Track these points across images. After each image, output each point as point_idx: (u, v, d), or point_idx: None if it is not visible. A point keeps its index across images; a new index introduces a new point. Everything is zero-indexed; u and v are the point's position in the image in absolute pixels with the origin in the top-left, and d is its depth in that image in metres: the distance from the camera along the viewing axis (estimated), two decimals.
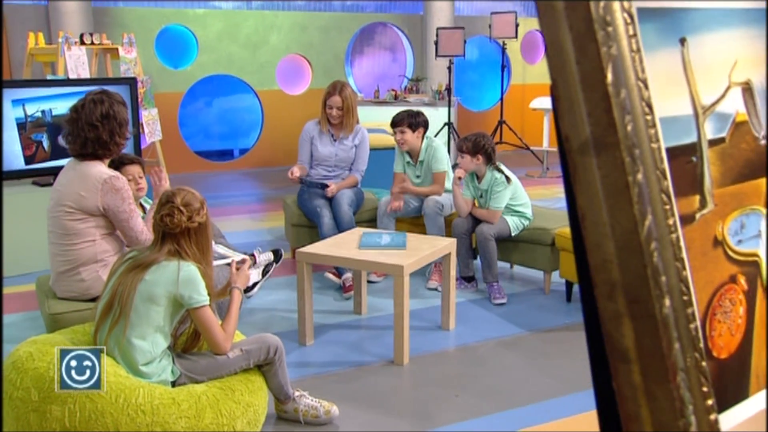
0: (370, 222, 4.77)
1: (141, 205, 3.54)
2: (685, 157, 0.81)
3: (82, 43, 5.91)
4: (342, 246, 3.77)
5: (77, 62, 5.68)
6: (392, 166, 4.88)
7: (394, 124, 4.67)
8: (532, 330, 3.90)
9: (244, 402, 2.55)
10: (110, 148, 3.14)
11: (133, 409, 2.31)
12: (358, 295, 4.12)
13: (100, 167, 3.11)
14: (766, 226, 0.90)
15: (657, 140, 0.75)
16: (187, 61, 8.73)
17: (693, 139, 0.83)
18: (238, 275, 2.82)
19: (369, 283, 4.48)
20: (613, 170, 0.72)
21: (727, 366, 0.85)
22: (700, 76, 0.83)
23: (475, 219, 4.41)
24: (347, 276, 4.38)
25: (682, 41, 0.82)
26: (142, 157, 4.47)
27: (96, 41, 6.07)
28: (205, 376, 2.58)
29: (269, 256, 4.06)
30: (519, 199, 4.40)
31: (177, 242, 2.50)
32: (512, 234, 4.36)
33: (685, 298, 0.76)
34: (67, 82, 5.25)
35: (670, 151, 0.78)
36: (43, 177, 4.96)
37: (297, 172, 4.69)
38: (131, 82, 5.25)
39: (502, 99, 9.31)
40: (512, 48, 9.66)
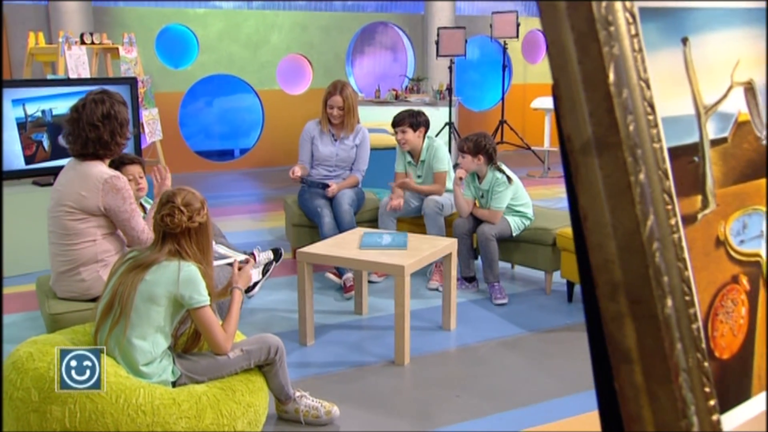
0: (371, 222, 4.76)
1: (141, 205, 3.54)
2: (687, 157, 0.81)
3: (83, 42, 5.92)
4: (343, 246, 3.77)
5: (77, 62, 5.69)
6: (393, 166, 4.88)
7: (395, 123, 4.66)
8: (533, 330, 3.90)
9: (244, 402, 2.54)
10: (111, 148, 3.14)
11: (134, 410, 2.31)
12: (359, 296, 4.12)
13: (101, 167, 3.11)
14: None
15: (659, 140, 0.75)
16: (188, 61, 8.73)
17: (695, 139, 0.82)
18: (239, 275, 2.82)
19: (370, 283, 4.48)
20: (615, 170, 0.72)
21: (729, 366, 0.84)
22: (702, 76, 0.83)
23: (476, 219, 4.40)
24: (348, 276, 4.38)
25: (684, 41, 0.81)
26: (143, 157, 4.47)
27: (96, 41, 6.07)
28: (205, 377, 2.58)
29: (269, 255, 4.06)
30: (520, 199, 4.39)
31: (177, 242, 2.50)
32: (513, 234, 4.35)
33: (687, 298, 0.76)
34: (68, 81, 5.25)
35: (672, 151, 0.77)
36: (44, 177, 4.95)
37: (298, 171, 4.69)
38: (131, 82, 5.24)
39: (503, 99, 9.31)
40: (513, 48, 9.66)
